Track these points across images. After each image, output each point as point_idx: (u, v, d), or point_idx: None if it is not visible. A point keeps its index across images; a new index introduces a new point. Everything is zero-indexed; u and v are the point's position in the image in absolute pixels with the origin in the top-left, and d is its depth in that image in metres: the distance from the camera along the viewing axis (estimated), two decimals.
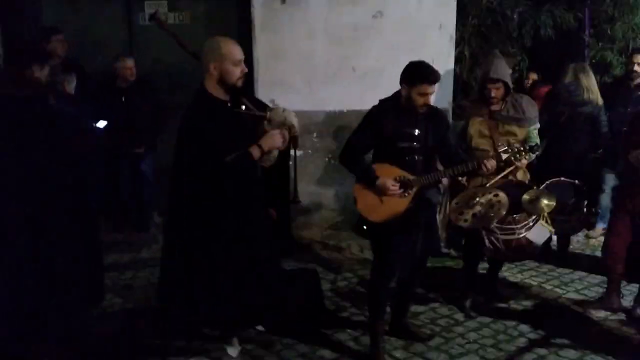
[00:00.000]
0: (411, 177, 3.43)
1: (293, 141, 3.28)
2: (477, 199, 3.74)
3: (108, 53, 5.61)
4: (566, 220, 4.10)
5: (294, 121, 3.19)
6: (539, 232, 3.80)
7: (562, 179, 4.28)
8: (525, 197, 3.78)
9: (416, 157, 3.46)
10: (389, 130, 3.42)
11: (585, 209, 4.28)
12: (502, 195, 3.70)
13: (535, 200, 3.75)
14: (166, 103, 5.82)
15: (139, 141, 5.52)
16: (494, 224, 3.72)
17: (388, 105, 3.51)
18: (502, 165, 3.81)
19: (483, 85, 4.06)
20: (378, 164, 3.50)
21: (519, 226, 3.73)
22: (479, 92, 4.13)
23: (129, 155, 5.55)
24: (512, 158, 3.70)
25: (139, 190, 5.71)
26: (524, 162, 3.92)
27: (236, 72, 3.08)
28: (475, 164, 3.49)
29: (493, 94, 4.00)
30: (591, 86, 5.05)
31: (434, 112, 3.54)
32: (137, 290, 4.52)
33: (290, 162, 3.89)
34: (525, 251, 3.85)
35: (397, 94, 3.50)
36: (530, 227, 3.78)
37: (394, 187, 3.39)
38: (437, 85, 3.41)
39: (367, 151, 3.57)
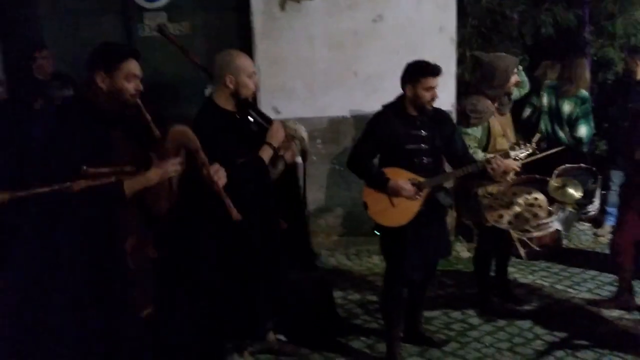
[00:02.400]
0: (421, 179, 3.40)
1: (303, 155, 3.28)
2: (514, 199, 3.70)
3: None
4: (589, 203, 4.03)
5: (304, 135, 3.18)
6: (567, 220, 3.80)
7: (568, 165, 4.22)
8: (553, 185, 3.77)
9: (424, 159, 3.43)
10: (396, 134, 3.41)
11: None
12: (541, 197, 3.66)
13: (562, 188, 3.75)
14: (167, 114, 5.79)
15: None
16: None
17: (392, 109, 3.49)
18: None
19: (507, 78, 3.99)
20: (387, 168, 3.47)
21: (552, 219, 3.71)
22: (498, 90, 4.03)
23: None
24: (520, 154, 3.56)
25: None
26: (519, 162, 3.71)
27: (251, 85, 3.09)
28: (483, 164, 3.41)
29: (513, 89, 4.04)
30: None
31: (439, 113, 3.53)
32: None
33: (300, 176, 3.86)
34: (556, 243, 3.84)
35: (399, 98, 3.49)
36: (559, 218, 3.77)
37: (407, 186, 3.35)
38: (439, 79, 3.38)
39: (374, 156, 3.55)
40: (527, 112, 5.24)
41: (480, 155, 3.83)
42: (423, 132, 3.43)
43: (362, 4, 5.50)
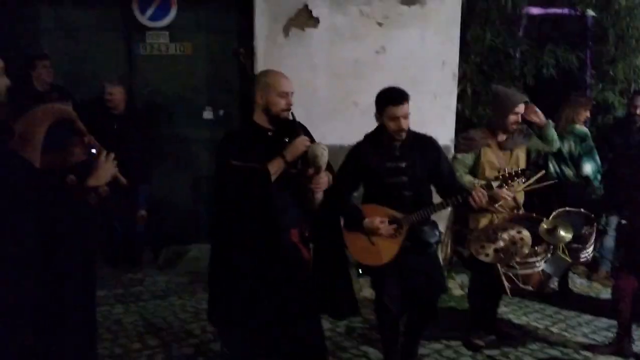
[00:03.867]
0: (399, 215, 3.27)
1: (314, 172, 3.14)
2: (499, 233, 3.63)
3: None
4: (582, 249, 3.96)
5: (318, 153, 3.04)
6: (557, 264, 3.72)
7: (568, 209, 4.16)
8: (544, 226, 3.70)
9: (405, 193, 3.30)
10: (374, 166, 3.29)
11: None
12: (526, 234, 3.58)
13: (553, 230, 3.68)
14: (164, 134, 5.75)
15: (131, 172, 5.37)
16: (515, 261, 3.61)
17: (371, 139, 3.38)
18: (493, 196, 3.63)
19: (505, 113, 3.90)
20: (364, 204, 3.35)
21: (539, 259, 3.64)
22: (496, 123, 3.98)
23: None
24: (504, 185, 3.42)
25: (132, 224, 5.53)
26: (510, 191, 3.64)
27: (280, 103, 3.04)
28: (464, 196, 3.27)
29: (519, 119, 3.94)
30: None
31: (421, 141, 3.37)
32: (127, 326, 4.35)
33: None
34: (543, 285, 3.75)
35: (378, 128, 3.38)
36: (548, 260, 3.71)
37: (382, 224, 3.23)
38: (409, 106, 3.24)
39: (353, 190, 3.43)
40: (532, 154, 5.18)
41: (466, 179, 3.81)
42: (402, 164, 3.28)
43: (366, 35, 5.51)
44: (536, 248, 3.66)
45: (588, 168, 5.06)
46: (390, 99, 3.22)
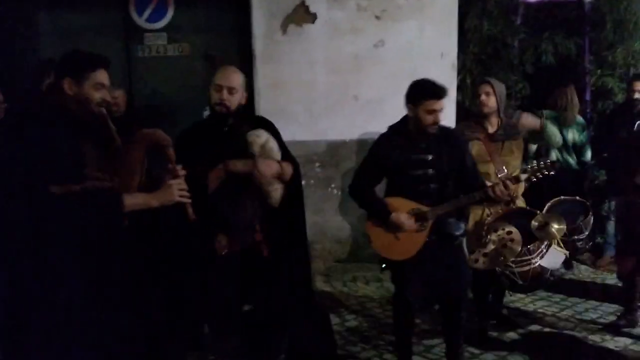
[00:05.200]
0: (425, 208, 3.24)
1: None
2: (489, 236, 3.54)
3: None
4: (578, 240, 3.96)
5: (249, 139, 3.03)
6: (553, 257, 3.69)
7: (562, 197, 4.15)
8: (534, 223, 3.63)
9: (431, 186, 3.24)
10: (399, 158, 3.24)
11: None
12: (515, 232, 3.50)
13: (544, 226, 3.62)
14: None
15: None
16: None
17: (396, 131, 3.33)
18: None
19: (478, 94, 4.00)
20: (390, 197, 3.32)
21: (533, 255, 3.60)
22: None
23: None
24: (533, 177, 3.35)
25: None
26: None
27: (214, 96, 3.07)
28: (490, 190, 3.21)
29: (483, 98, 3.93)
30: None
31: (448, 134, 3.33)
32: None
33: None
34: (542, 279, 3.70)
35: (404, 119, 3.33)
36: (544, 254, 3.66)
37: (409, 221, 3.20)
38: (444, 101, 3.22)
39: (377, 183, 3.40)
40: (534, 145, 5.18)
41: None
42: (429, 156, 3.23)
43: (364, 28, 5.51)
44: (529, 246, 3.57)
45: (589, 155, 5.10)
46: (432, 92, 3.18)
